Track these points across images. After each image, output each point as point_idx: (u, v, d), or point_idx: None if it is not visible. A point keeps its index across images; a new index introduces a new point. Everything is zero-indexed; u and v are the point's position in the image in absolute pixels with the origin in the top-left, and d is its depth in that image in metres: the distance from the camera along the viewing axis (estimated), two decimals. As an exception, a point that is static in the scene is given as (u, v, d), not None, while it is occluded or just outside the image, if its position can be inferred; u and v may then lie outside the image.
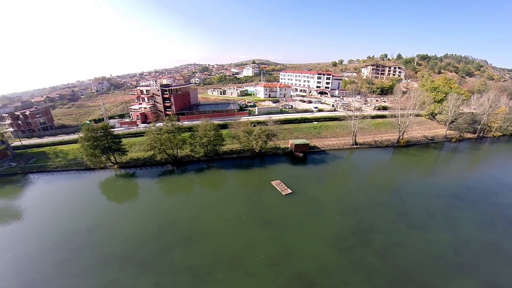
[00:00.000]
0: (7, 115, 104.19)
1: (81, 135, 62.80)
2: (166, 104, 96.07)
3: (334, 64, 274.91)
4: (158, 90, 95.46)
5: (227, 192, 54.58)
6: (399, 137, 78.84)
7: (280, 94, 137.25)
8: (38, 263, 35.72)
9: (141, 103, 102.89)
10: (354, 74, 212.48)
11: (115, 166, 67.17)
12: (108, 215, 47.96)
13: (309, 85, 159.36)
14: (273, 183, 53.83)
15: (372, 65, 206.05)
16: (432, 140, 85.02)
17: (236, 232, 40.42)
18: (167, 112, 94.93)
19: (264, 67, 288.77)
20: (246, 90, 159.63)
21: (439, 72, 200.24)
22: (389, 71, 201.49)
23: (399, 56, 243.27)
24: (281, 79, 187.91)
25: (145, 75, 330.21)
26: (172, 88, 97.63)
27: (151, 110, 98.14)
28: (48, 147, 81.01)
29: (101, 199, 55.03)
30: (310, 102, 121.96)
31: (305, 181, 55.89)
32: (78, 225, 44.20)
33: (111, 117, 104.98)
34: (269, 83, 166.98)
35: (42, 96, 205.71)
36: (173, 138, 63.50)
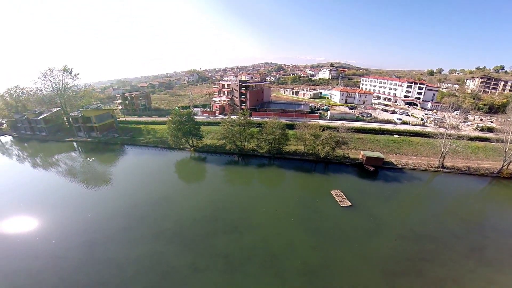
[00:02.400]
0: (119, 95, 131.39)
1: (169, 118, 73.45)
2: (242, 99, 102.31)
3: (431, 73, 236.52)
4: (237, 85, 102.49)
5: (282, 191, 54.59)
6: (502, 166, 61.97)
7: (359, 100, 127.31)
8: (106, 226, 42.87)
9: (221, 96, 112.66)
10: (456, 86, 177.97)
11: (191, 149, 76.01)
12: (174, 191, 54.62)
13: (395, 94, 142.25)
14: (333, 192, 50.90)
15: (482, 77, 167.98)
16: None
17: (281, 232, 40.27)
18: (242, 107, 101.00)
19: (344, 70, 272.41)
20: (320, 93, 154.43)
21: None
22: (504, 86, 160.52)
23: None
24: (362, 84, 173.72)
25: (228, 71, 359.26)
26: (249, 84, 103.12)
27: (228, 103, 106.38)
28: (143, 125, 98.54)
29: (172, 176, 63.21)
30: (393, 112, 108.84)
31: (369, 197, 50.93)
32: (148, 196, 51.87)
33: (195, 106, 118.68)
34: (347, 87, 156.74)
35: (146, 83, 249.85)
36: (243, 131, 67.39)
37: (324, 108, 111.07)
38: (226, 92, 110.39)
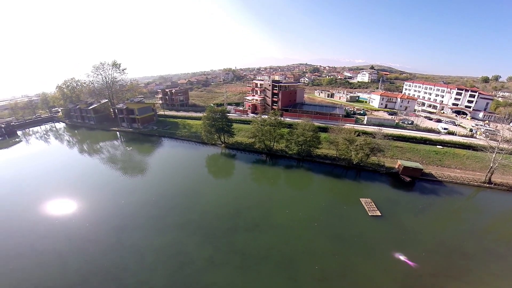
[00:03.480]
0: (160, 91, 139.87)
1: (204, 114, 76.24)
2: (274, 99, 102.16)
3: (485, 80, 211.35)
4: (269, 85, 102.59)
5: (309, 195, 53.39)
6: None
7: (400, 106, 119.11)
8: (136, 214, 45.65)
9: (254, 95, 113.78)
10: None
11: (222, 145, 78.04)
12: (202, 185, 56.60)
13: (442, 101, 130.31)
14: (362, 200, 48.46)
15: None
16: None
17: (302, 235, 39.55)
18: (274, 107, 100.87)
19: (385, 74, 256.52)
20: (358, 97, 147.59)
21: None
22: None
23: None
24: (405, 89, 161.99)
25: (261, 71, 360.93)
26: (281, 84, 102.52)
27: (261, 103, 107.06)
28: (180, 119, 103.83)
29: (202, 170, 65.51)
30: (439, 121, 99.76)
31: (400, 208, 47.76)
32: (178, 188, 54.59)
33: (229, 104, 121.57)
34: (388, 92, 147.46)
35: (185, 79, 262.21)
36: (273, 131, 67.23)
37: (361, 112, 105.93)
38: (258, 92, 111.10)
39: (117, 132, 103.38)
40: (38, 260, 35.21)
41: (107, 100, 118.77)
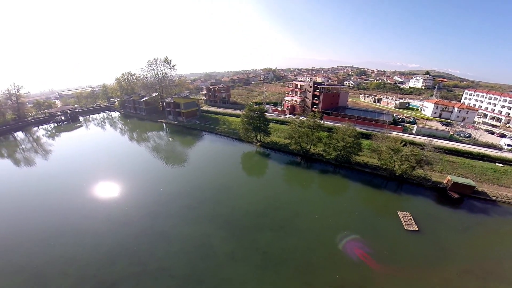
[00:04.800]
0: (205, 87, 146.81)
1: (243, 112, 77.82)
2: (315, 101, 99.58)
3: None
4: (310, 87, 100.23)
5: (342, 202, 50.94)
6: None
7: (457, 116, 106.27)
8: (171, 202, 48.02)
9: (293, 96, 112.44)
10: None
11: (258, 143, 78.86)
12: (235, 181, 57.79)
13: (509, 114, 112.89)
14: (400, 213, 44.78)
15: None
16: None
17: (327, 241, 38.09)
18: (313, 109, 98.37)
19: (442, 80, 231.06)
20: (408, 103, 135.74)
21: None
22: None
23: None
24: (464, 98, 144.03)
25: (302, 72, 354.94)
26: (323, 86, 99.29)
27: (300, 104, 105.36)
28: (221, 116, 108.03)
29: (237, 166, 66.99)
30: (502, 136, 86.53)
31: (441, 225, 43.21)
32: (212, 181, 56.56)
33: (267, 103, 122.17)
34: (444, 100, 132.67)
35: (228, 77, 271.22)
36: (311, 133, 65.55)
37: (411, 120, 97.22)
38: (298, 93, 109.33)
39: (164, 124, 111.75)
40: (75, 239, 38.62)
41: (157, 93, 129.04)
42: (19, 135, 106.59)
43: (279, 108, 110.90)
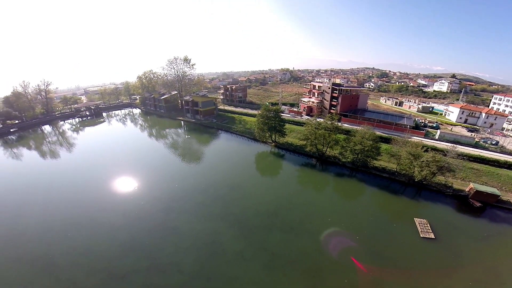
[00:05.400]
0: (222, 86, 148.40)
1: (259, 112, 77.83)
2: (333, 103, 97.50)
3: None
4: (329, 88, 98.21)
5: (357, 206, 49.44)
6: None
7: (484, 122, 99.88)
8: (185, 198, 48.78)
9: (310, 97, 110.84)
10: None
11: (273, 144, 78.50)
12: (248, 180, 57.95)
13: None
14: (417, 220, 43.08)
15: None
16: None
17: (338, 246, 37.18)
18: (331, 110, 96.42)
19: (469, 84, 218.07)
20: (432, 107, 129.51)
21: None
22: None
23: None
24: (493, 103, 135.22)
25: (321, 73, 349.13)
26: (342, 88, 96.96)
27: (317, 105, 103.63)
28: (237, 115, 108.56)
29: (251, 166, 67.07)
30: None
31: (460, 233, 41.32)
32: (225, 179, 57.04)
33: (284, 104, 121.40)
34: (471, 105, 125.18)
35: (245, 77, 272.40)
36: (327, 135, 64.23)
37: (434, 125, 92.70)
38: (316, 94, 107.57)
39: (182, 121, 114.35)
40: (91, 231, 40.03)
41: (176, 92, 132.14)
42: (47, 128, 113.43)
43: (295, 109, 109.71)
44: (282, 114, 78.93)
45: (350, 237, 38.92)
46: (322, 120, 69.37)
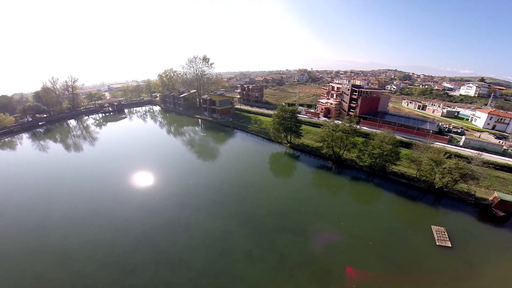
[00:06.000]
0: (239, 86, 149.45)
1: (275, 112, 77.51)
2: (352, 105, 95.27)
3: None
4: (348, 90, 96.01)
5: (372, 212, 47.88)
6: None
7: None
8: (199, 195, 49.25)
9: (329, 99, 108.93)
10: None
11: (288, 144, 77.96)
12: (261, 180, 57.82)
13: None
14: (434, 228, 41.23)
15: None
16: None
17: (348, 250, 36.37)
18: (350, 113, 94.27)
19: (499, 88, 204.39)
20: (457, 112, 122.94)
21: None
22: None
23: None
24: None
25: (340, 74, 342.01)
26: (362, 90, 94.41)
27: (335, 107, 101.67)
28: (253, 115, 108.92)
29: (265, 166, 66.94)
30: None
31: (479, 242, 39.15)
32: (239, 178, 57.61)
33: (301, 105, 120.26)
34: (500, 110, 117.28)
35: (262, 77, 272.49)
36: (345, 138, 62.81)
37: (459, 131, 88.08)
38: (334, 95, 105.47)
39: (199, 120, 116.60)
40: (106, 224, 40.91)
41: (195, 90, 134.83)
42: (72, 122, 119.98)
43: (312, 110, 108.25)
44: (298, 115, 78.29)
45: (362, 242, 37.96)
46: (340, 122, 67.98)
